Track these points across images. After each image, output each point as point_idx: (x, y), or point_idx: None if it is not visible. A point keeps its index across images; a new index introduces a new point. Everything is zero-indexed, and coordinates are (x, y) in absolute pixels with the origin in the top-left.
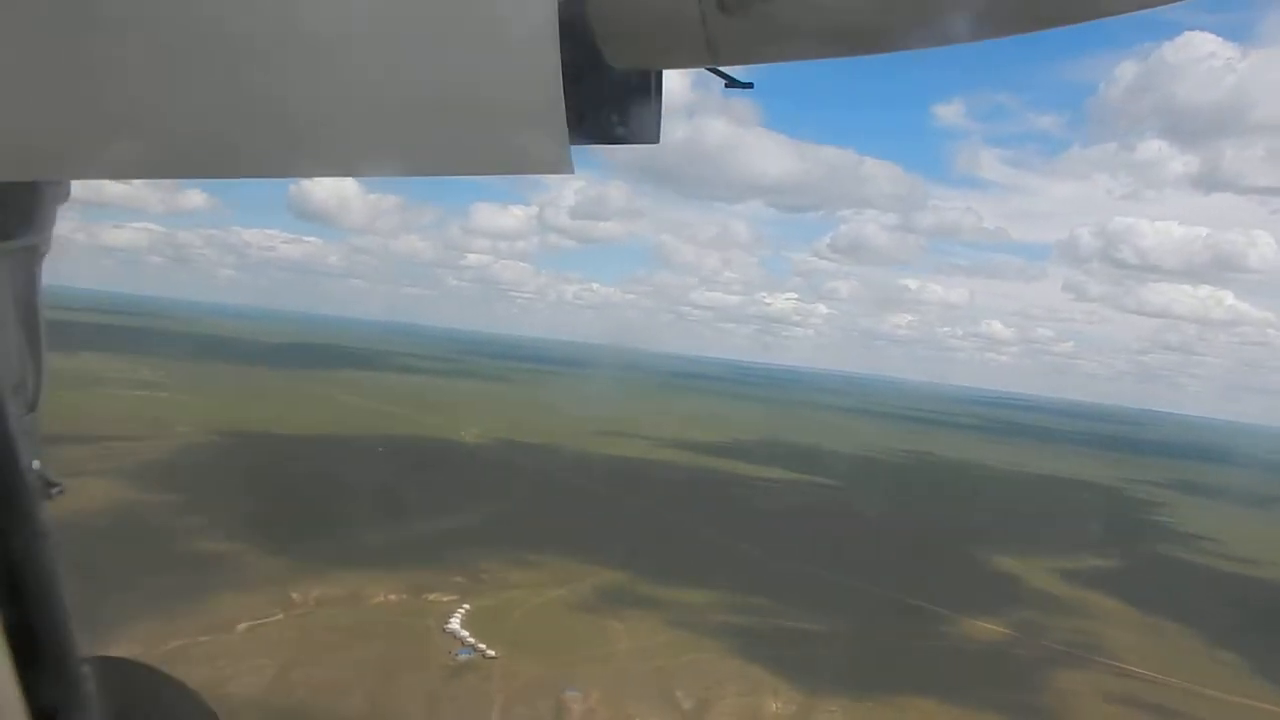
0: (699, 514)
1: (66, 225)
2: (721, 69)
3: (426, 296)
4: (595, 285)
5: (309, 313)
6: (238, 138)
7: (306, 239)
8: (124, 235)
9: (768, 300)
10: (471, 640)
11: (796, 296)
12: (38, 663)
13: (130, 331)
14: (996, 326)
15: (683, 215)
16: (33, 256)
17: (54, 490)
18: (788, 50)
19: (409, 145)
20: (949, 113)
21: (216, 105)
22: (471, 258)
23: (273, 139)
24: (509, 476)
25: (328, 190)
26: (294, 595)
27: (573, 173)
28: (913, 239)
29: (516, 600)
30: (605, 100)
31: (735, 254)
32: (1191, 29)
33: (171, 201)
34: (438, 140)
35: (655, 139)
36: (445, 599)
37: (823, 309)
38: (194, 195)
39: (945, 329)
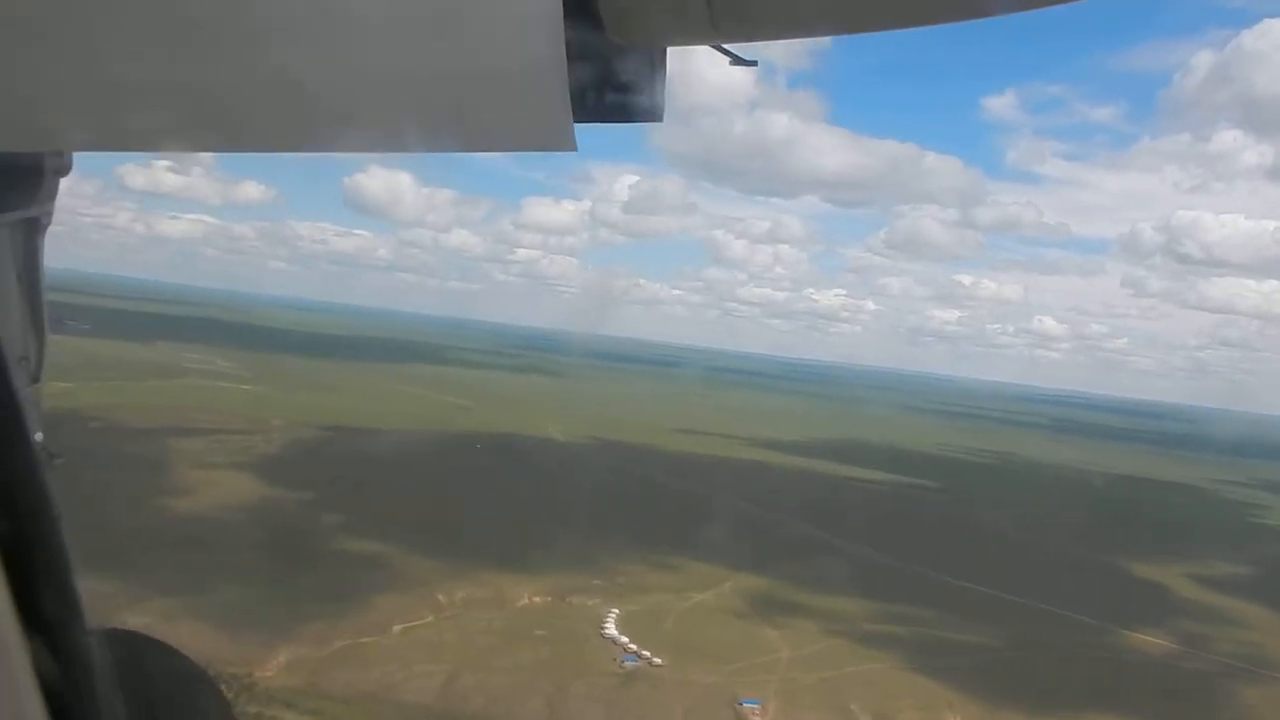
0: (814, 517)
1: (125, 216)
2: (725, 46)
3: (473, 290)
4: (642, 281)
5: (356, 305)
6: (239, 112)
7: (357, 232)
8: (180, 226)
9: (815, 296)
10: (634, 647)
11: (844, 292)
12: (45, 633)
13: (195, 322)
14: (1049, 323)
15: (737, 210)
16: (34, 229)
17: (56, 461)
18: (791, 27)
19: (411, 122)
20: (1003, 105)
21: (217, 79)
22: (520, 252)
23: (273, 114)
24: (615, 477)
25: (381, 183)
26: (440, 597)
27: (575, 150)
28: (970, 234)
29: (663, 605)
30: (609, 78)
31: (786, 250)
32: (1271, 16)
33: (228, 194)
34: (440, 117)
35: (659, 117)
36: (589, 602)
37: (871, 305)
38: (251, 188)
39: (995, 325)
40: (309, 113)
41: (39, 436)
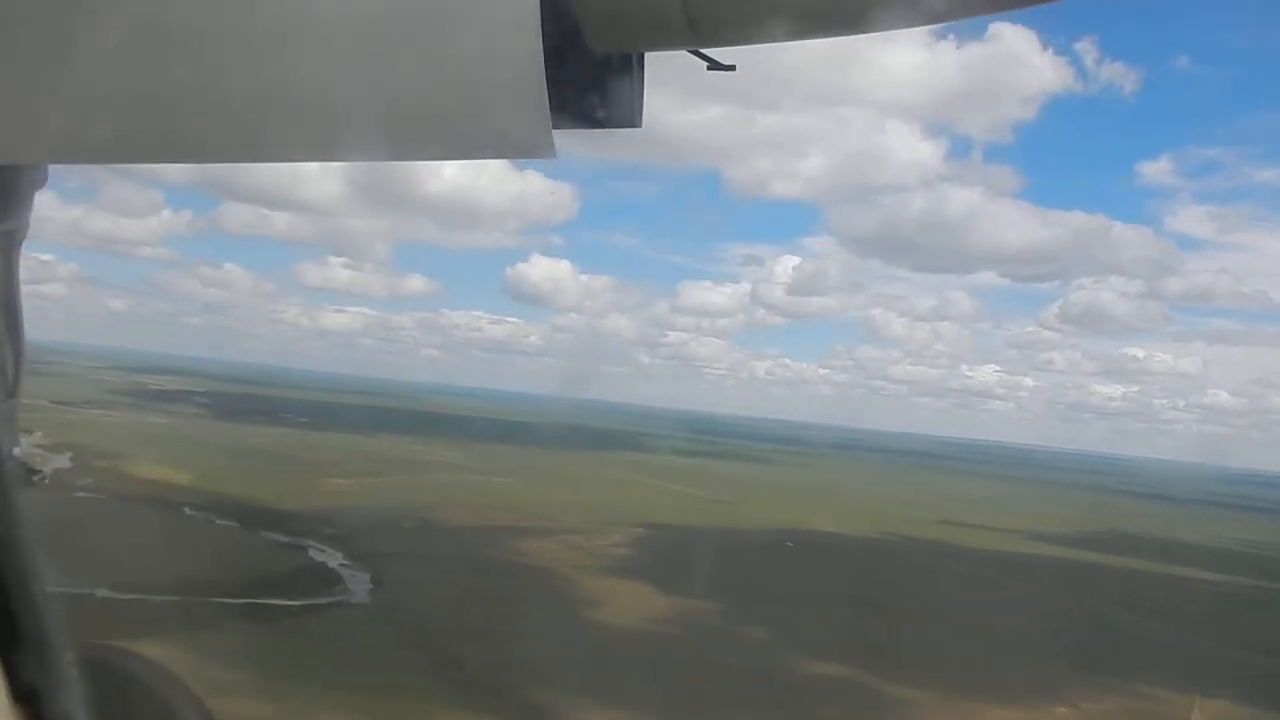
0: (1198, 626)
1: (294, 310)
2: (703, 51)
3: (618, 374)
4: (788, 361)
5: (503, 390)
6: (214, 123)
7: (509, 320)
8: (342, 319)
9: (969, 373)
10: None
11: (999, 368)
12: (20, 650)
13: (388, 412)
14: (1223, 396)
15: (905, 289)
16: (10, 242)
17: (35, 477)
18: (770, 31)
19: (390, 131)
20: (1159, 171)
21: (193, 90)
22: (672, 335)
23: (250, 124)
24: (948, 579)
25: (543, 272)
26: None
27: (554, 156)
28: (1153, 305)
29: None
30: (587, 83)
31: (947, 327)
32: None
33: (395, 286)
34: (417, 124)
35: (637, 123)
36: None
37: (1029, 381)
38: (415, 280)
39: (1163, 400)
40: (285, 123)
41: (17, 450)
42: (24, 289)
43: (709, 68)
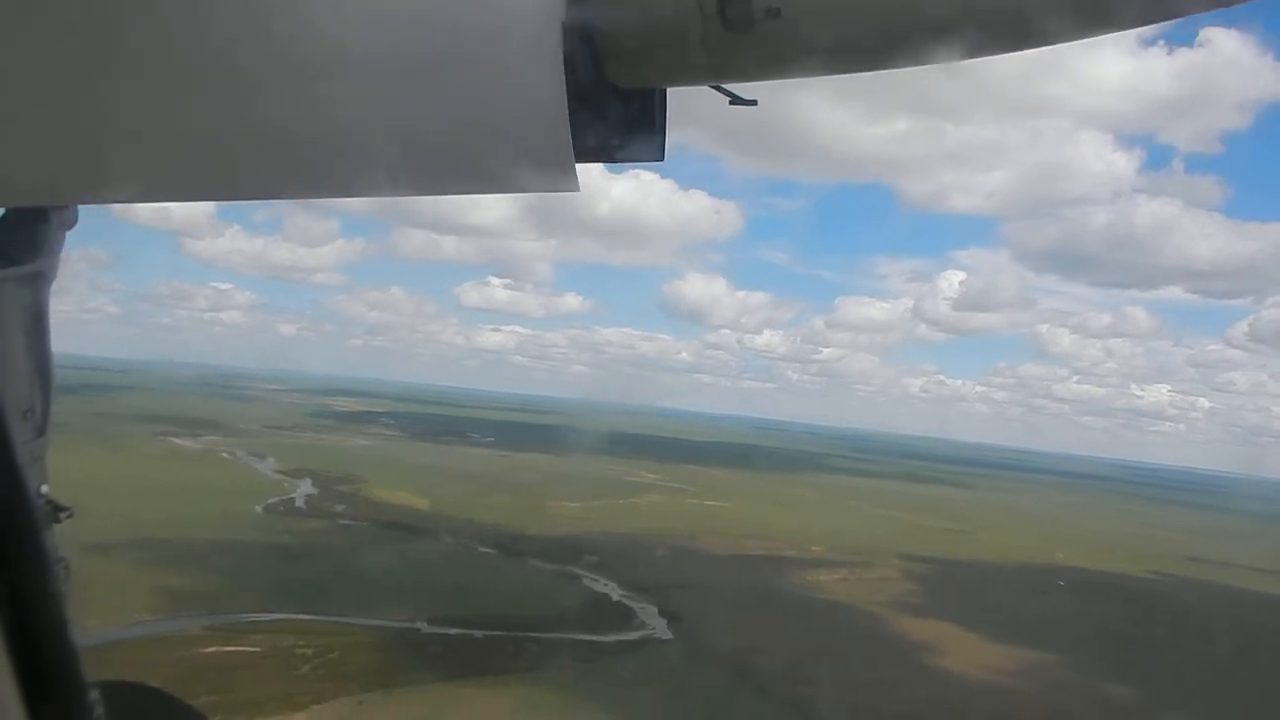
0: None
1: (450, 330)
2: (724, 87)
3: (766, 390)
4: (943, 378)
5: (652, 405)
6: (240, 160)
7: (659, 336)
8: (497, 338)
9: (1139, 393)
10: None
11: (1172, 389)
12: (45, 690)
13: (560, 430)
14: None
15: (1081, 305)
16: (40, 282)
17: (63, 515)
18: (791, 68)
19: (415, 167)
20: None
21: (218, 128)
22: (826, 352)
23: (276, 161)
24: (1261, 630)
25: (699, 289)
26: None
27: (578, 190)
28: None
29: None
30: (610, 119)
31: (1120, 344)
32: None
33: (551, 305)
34: (441, 161)
35: (660, 157)
36: None
37: (1204, 403)
38: (571, 299)
39: None
40: (313, 159)
41: (45, 489)
42: (204, 316)
43: (731, 102)
